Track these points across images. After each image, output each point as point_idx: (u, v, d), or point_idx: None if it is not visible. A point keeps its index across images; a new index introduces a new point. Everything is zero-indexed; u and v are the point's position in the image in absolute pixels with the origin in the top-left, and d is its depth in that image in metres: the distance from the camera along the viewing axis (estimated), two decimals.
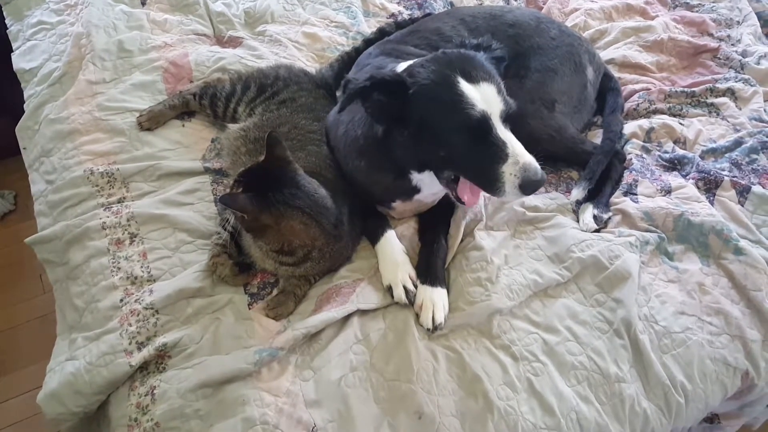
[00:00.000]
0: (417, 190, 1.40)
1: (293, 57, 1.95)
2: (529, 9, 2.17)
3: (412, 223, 1.50)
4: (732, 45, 2.02)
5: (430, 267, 1.36)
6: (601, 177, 1.58)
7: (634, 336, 1.29)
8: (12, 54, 1.97)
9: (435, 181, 1.32)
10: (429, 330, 1.28)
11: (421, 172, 1.33)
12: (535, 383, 1.22)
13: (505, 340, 1.28)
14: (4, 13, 2.13)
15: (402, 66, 1.33)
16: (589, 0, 2.25)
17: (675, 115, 1.80)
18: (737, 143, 1.68)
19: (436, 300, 1.30)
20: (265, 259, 1.34)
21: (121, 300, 1.33)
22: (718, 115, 1.80)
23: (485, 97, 1.19)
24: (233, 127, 1.60)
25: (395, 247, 1.40)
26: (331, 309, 1.29)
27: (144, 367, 1.23)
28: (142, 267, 1.39)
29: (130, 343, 1.25)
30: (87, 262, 1.41)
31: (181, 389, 1.18)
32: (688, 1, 2.22)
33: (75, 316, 1.36)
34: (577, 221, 1.51)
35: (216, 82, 1.75)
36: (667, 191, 1.57)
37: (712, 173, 1.59)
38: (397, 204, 1.47)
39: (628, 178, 1.61)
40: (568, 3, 2.25)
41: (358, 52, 1.83)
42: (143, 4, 2.07)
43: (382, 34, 1.92)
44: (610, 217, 1.52)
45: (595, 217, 1.51)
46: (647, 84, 1.89)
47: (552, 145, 1.59)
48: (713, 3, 2.19)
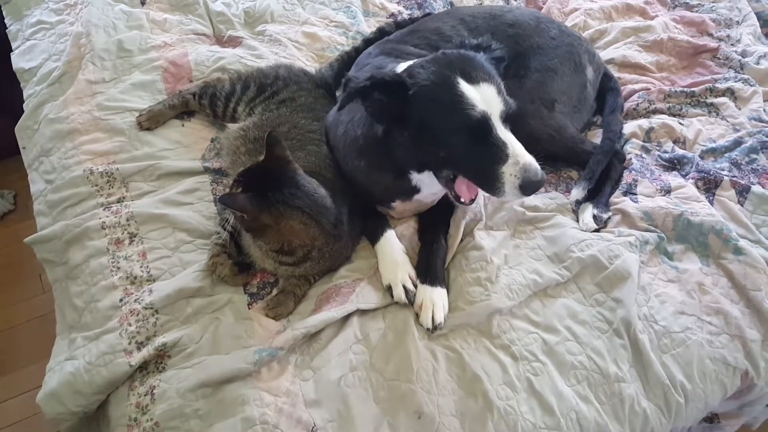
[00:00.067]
0: (417, 190, 1.40)
1: (293, 57, 1.95)
2: (529, 9, 2.17)
3: (412, 222, 1.50)
4: (731, 45, 2.02)
5: (430, 267, 1.36)
6: (601, 177, 1.58)
7: (634, 336, 1.29)
8: (11, 53, 1.97)
9: (434, 181, 1.32)
10: (429, 330, 1.28)
11: (421, 173, 1.33)
12: (534, 383, 1.22)
13: (504, 339, 1.28)
14: (4, 12, 2.13)
15: (402, 66, 1.33)
16: (588, 0, 2.25)
17: (675, 115, 1.80)
18: (737, 143, 1.68)
19: (435, 300, 1.30)
20: (265, 258, 1.34)
21: (120, 300, 1.33)
22: (717, 115, 1.80)
23: (485, 98, 1.19)
24: (233, 126, 1.60)
25: (395, 247, 1.40)
26: (331, 309, 1.29)
27: (144, 367, 1.23)
28: (142, 267, 1.39)
29: (130, 343, 1.25)
30: (86, 261, 1.41)
31: (181, 389, 1.18)
32: (687, 1, 2.22)
33: (74, 315, 1.36)
34: (577, 221, 1.51)
35: (216, 81, 1.75)
36: (666, 191, 1.57)
37: (711, 173, 1.59)
38: (397, 204, 1.47)
39: (627, 177, 1.61)
40: (568, 3, 2.25)
41: (357, 51, 1.83)
42: (143, 3, 2.07)
43: (381, 33, 1.91)
44: (609, 217, 1.52)
45: (594, 216, 1.51)
46: (647, 84, 1.89)
47: (552, 144, 1.60)
48: (713, 3, 2.19)
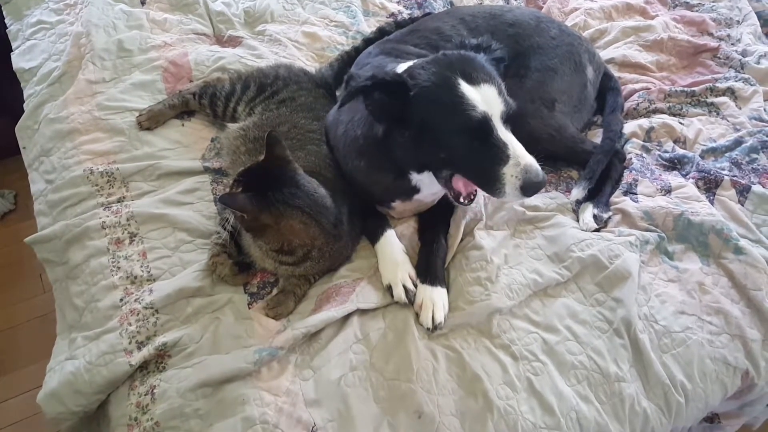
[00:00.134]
0: (416, 190, 1.40)
1: (293, 56, 1.95)
2: (529, 8, 2.17)
3: (412, 222, 1.50)
4: (732, 44, 2.02)
5: (430, 266, 1.36)
6: (601, 176, 1.58)
7: (634, 335, 1.29)
8: (11, 53, 1.97)
9: (434, 181, 1.32)
10: (429, 329, 1.28)
11: (421, 173, 1.33)
12: (534, 383, 1.22)
13: (504, 339, 1.28)
14: (4, 12, 2.13)
15: (402, 67, 1.33)
16: None
17: (675, 115, 1.80)
18: (737, 143, 1.68)
19: (435, 299, 1.30)
20: (265, 258, 1.34)
21: (120, 299, 1.33)
22: (718, 114, 1.80)
23: (486, 99, 1.19)
24: (233, 126, 1.60)
25: (395, 247, 1.40)
26: (331, 308, 1.29)
27: (144, 367, 1.23)
28: (142, 266, 1.39)
29: (130, 343, 1.25)
30: (87, 261, 1.41)
31: (181, 389, 1.18)
32: (687, 0, 2.22)
33: (75, 315, 1.36)
34: (577, 221, 1.51)
35: (216, 81, 1.75)
36: (667, 191, 1.57)
37: (712, 173, 1.59)
38: (397, 204, 1.47)
39: (628, 177, 1.61)
40: (568, 2, 2.25)
41: (357, 51, 1.83)
42: (143, 3, 2.07)
43: (381, 33, 1.91)
44: (610, 217, 1.52)
45: (595, 216, 1.50)
46: (647, 83, 1.89)
47: (552, 144, 1.60)
48: (713, 2, 2.19)
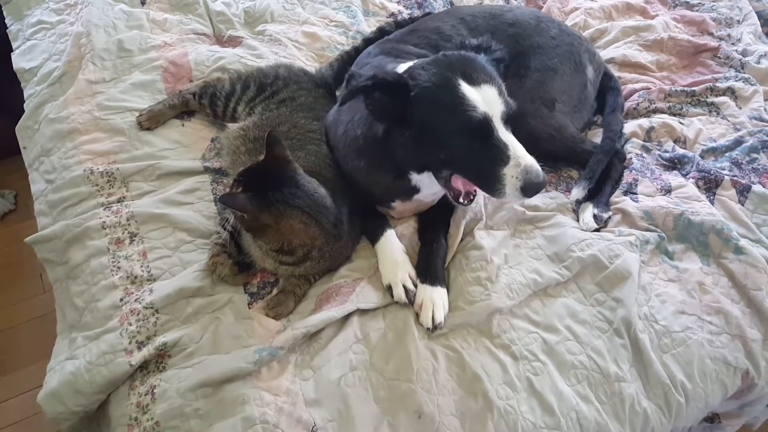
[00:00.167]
0: (416, 190, 1.40)
1: (293, 56, 1.95)
2: (529, 8, 2.16)
3: (412, 222, 1.50)
4: (732, 44, 2.02)
5: (430, 266, 1.36)
6: (601, 176, 1.58)
7: (634, 335, 1.29)
8: (12, 53, 1.97)
9: (434, 181, 1.32)
10: (429, 329, 1.28)
11: (421, 173, 1.33)
12: (534, 382, 1.22)
13: (504, 339, 1.28)
14: (4, 12, 2.13)
15: (403, 67, 1.33)
16: None
17: (675, 115, 1.80)
18: (737, 142, 1.68)
19: (435, 299, 1.30)
20: (265, 258, 1.34)
21: (121, 299, 1.33)
22: (718, 114, 1.80)
23: (486, 99, 1.19)
24: (233, 126, 1.60)
25: (395, 247, 1.40)
26: (331, 308, 1.29)
27: (144, 367, 1.24)
28: (142, 266, 1.39)
29: (130, 343, 1.25)
30: (87, 261, 1.41)
31: (181, 388, 1.18)
32: (688, 0, 2.22)
33: (75, 315, 1.36)
34: (577, 220, 1.51)
35: (216, 81, 1.75)
36: (667, 190, 1.56)
37: (712, 172, 1.59)
38: (397, 204, 1.47)
39: (628, 177, 1.61)
40: (568, 2, 2.25)
41: (357, 51, 1.83)
42: (143, 3, 2.07)
43: (381, 33, 1.91)
44: (610, 217, 1.52)
45: (595, 216, 1.50)
46: (647, 83, 1.89)
47: (552, 144, 1.60)
48: (713, 2, 2.19)
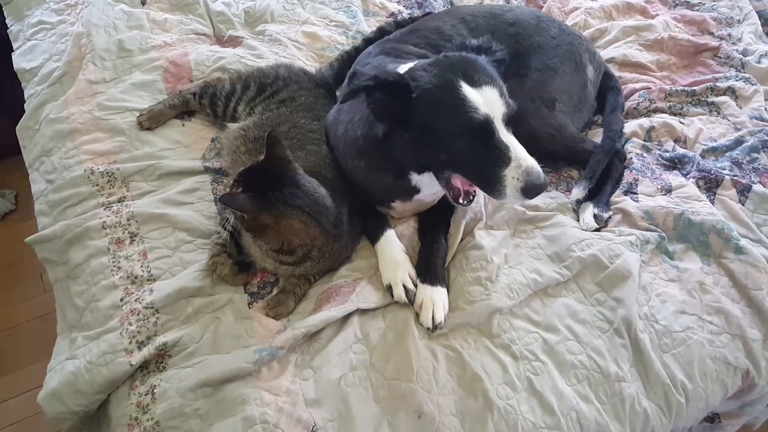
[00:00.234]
0: (417, 191, 1.40)
1: (293, 56, 1.95)
2: (529, 8, 2.16)
3: (412, 222, 1.50)
4: (732, 44, 2.02)
5: (430, 266, 1.36)
6: (602, 176, 1.58)
7: (635, 335, 1.29)
8: (12, 54, 1.97)
9: (434, 181, 1.32)
10: (429, 329, 1.28)
11: (421, 173, 1.33)
12: (535, 382, 1.22)
13: (505, 339, 1.28)
14: (5, 12, 2.13)
15: (404, 67, 1.32)
16: None
17: (675, 114, 1.80)
18: (738, 142, 1.68)
19: (436, 299, 1.30)
20: (265, 258, 1.34)
21: (121, 299, 1.33)
22: (718, 113, 1.80)
23: (488, 101, 1.19)
24: (233, 126, 1.60)
25: (395, 247, 1.40)
26: (331, 308, 1.29)
27: (144, 367, 1.24)
28: (142, 266, 1.39)
29: (131, 343, 1.25)
30: (87, 261, 1.41)
31: (181, 388, 1.18)
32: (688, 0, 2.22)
33: (75, 315, 1.36)
34: (578, 220, 1.51)
35: (216, 81, 1.75)
36: (667, 190, 1.56)
37: (712, 172, 1.58)
38: (397, 204, 1.47)
39: (628, 177, 1.61)
40: (568, 2, 2.25)
41: (357, 51, 1.83)
42: (143, 3, 2.07)
43: (381, 33, 1.91)
44: (610, 216, 1.52)
45: (595, 216, 1.50)
46: (648, 83, 1.89)
47: (552, 144, 1.60)
48: (714, 2, 2.19)
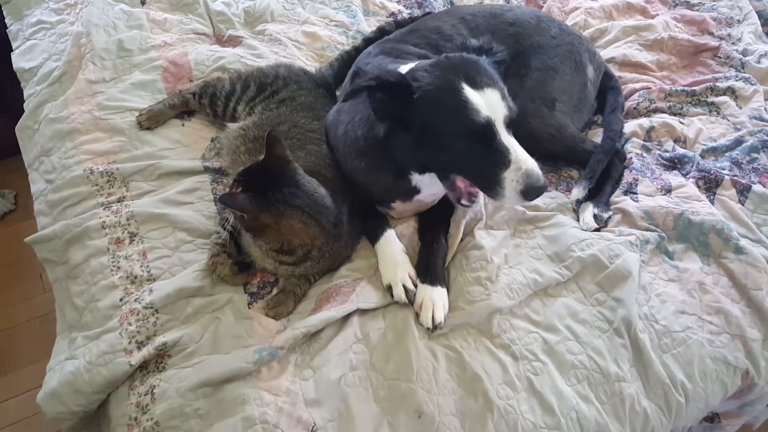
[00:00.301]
0: (417, 191, 1.40)
1: (293, 56, 1.95)
2: (530, 7, 2.16)
3: (412, 222, 1.50)
4: (732, 44, 2.02)
5: (430, 266, 1.36)
6: (602, 176, 1.58)
7: (634, 335, 1.29)
8: (12, 53, 1.97)
9: (435, 182, 1.32)
10: (429, 329, 1.28)
11: (422, 174, 1.33)
12: (535, 382, 1.22)
13: (505, 339, 1.28)
14: (4, 12, 2.13)
15: (405, 68, 1.32)
16: None
17: (675, 114, 1.80)
18: (738, 142, 1.68)
19: (435, 299, 1.30)
20: (265, 258, 1.34)
21: (120, 299, 1.33)
22: (718, 113, 1.80)
23: (489, 103, 1.19)
24: (233, 126, 1.60)
25: (395, 247, 1.40)
26: (331, 308, 1.29)
27: (144, 367, 1.23)
28: (142, 266, 1.39)
29: (130, 343, 1.25)
30: (87, 261, 1.41)
31: (181, 388, 1.18)
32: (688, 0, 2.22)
33: (75, 315, 1.36)
34: (578, 220, 1.51)
35: (216, 81, 1.75)
36: (667, 190, 1.56)
37: (712, 172, 1.58)
38: (397, 204, 1.47)
39: (628, 177, 1.60)
40: (568, 2, 2.25)
41: (357, 51, 1.82)
42: (143, 3, 2.07)
43: (381, 33, 1.91)
44: (610, 216, 1.52)
45: (595, 216, 1.50)
46: (647, 83, 1.89)
47: (552, 144, 1.60)
48: (713, 2, 2.19)
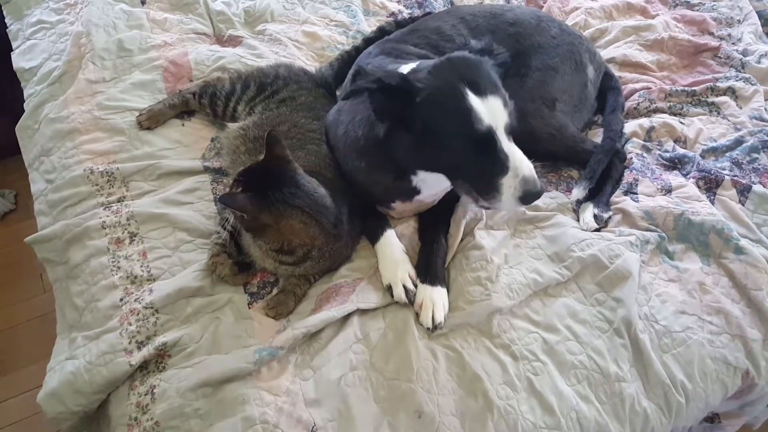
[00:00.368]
0: (417, 191, 1.39)
1: (293, 56, 1.94)
2: (530, 7, 2.16)
3: (412, 222, 1.50)
4: (733, 44, 2.02)
5: (430, 266, 1.36)
6: (602, 176, 1.58)
7: (635, 335, 1.28)
8: (12, 53, 1.97)
9: (435, 182, 1.32)
10: (429, 329, 1.27)
11: (422, 173, 1.33)
12: (535, 382, 1.22)
13: (505, 339, 1.28)
14: (4, 12, 2.13)
15: (406, 68, 1.32)
16: None
17: (675, 114, 1.80)
18: (738, 142, 1.68)
19: (435, 299, 1.30)
20: (265, 258, 1.34)
21: (120, 299, 1.33)
22: (718, 114, 1.79)
23: (492, 111, 1.18)
24: (233, 126, 1.60)
25: (395, 247, 1.40)
26: (331, 308, 1.29)
27: (144, 367, 1.23)
28: (142, 266, 1.39)
29: (130, 343, 1.25)
30: (87, 261, 1.41)
31: (181, 388, 1.18)
32: (688, 0, 2.22)
33: (75, 315, 1.36)
34: (578, 220, 1.51)
35: (216, 81, 1.75)
36: (667, 190, 1.56)
37: (712, 172, 1.58)
38: (397, 204, 1.47)
39: (628, 177, 1.60)
40: (569, 2, 2.25)
41: (358, 51, 1.82)
42: (143, 3, 2.07)
43: (382, 33, 1.91)
44: (610, 217, 1.52)
45: (595, 216, 1.50)
46: (648, 83, 1.89)
47: (552, 144, 1.60)
48: (714, 2, 2.18)
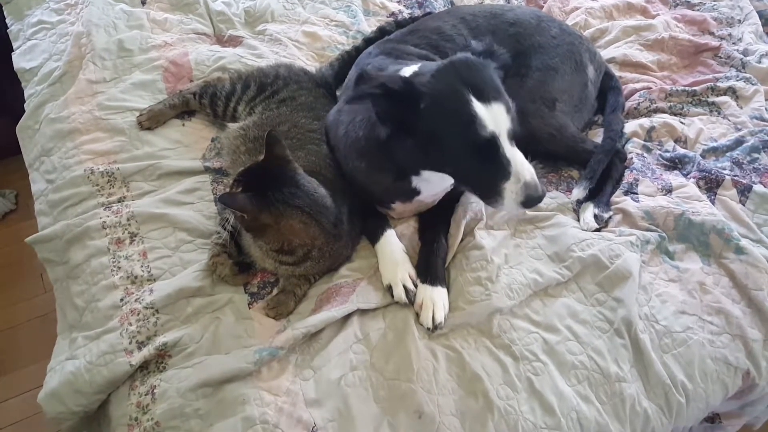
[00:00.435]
0: (417, 192, 1.39)
1: (293, 56, 1.95)
2: (530, 7, 2.16)
3: (412, 222, 1.50)
4: (733, 44, 2.02)
5: (430, 266, 1.36)
6: (602, 176, 1.58)
7: (635, 335, 1.28)
8: (12, 53, 1.97)
9: (435, 183, 1.32)
10: (429, 329, 1.27)
11: (422, 174, 1.33)
12: (535, 383, 1.22)
13: (505, 339, 1.28)
14: (5, 12, 2.13)
15: (407, 69, 1.31)
16: None
17: (676, 114, 1.80)
18: (738, 142, 1.68)
19: (436, 299, 1.30)
20: (265, 258, 1.34)
21: (121, 299, 1.33)
22: (719, 113, 1.79)
23: (495, 118, 1.18)
24: (233, 126, 1.60)
25: (395, 247, 1.40)
26: (331, 308, 1.29)
27: (144, 367, 1.23)
28: (142, 266, 1.39)
29: (131, 343, 1.25)
30: (87, 261, 1.41)
31: (181, 388, 1.18)
32: None
33: (75, 315, 1.36)
34: (578, 220, 1.51)
35: (216, 81, 1.75)
36: (667, 190, 1.56)
37: (713, 172, 1.58)
38: (397, 205, 1.47)
39: (628, 177, 1.60)
40: (569, 1, 2.25)
41: (358, 51, 1.82)
42: (143, 3, 2.07)
43: (382, 33, 1.91)
44: (610, 217, 1.52)
45: (595, 216, 1.50)
46: (648, 83, 1.89)
47: (553, 144, 1.60)
48: (714, 1, 2.18)
